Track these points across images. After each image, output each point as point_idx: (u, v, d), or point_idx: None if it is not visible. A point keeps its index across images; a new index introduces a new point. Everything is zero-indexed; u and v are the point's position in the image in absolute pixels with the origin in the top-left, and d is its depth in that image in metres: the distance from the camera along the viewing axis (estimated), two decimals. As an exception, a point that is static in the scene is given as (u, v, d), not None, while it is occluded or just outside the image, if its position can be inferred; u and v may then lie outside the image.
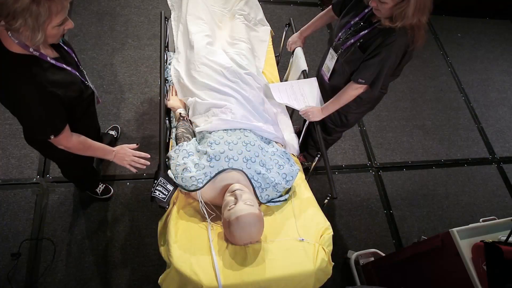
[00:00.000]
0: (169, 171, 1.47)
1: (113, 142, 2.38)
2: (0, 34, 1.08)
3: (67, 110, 1.30)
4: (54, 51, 1.26)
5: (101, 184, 2.19)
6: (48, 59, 1.19)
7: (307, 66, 2.03)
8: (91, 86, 1.47)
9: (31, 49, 1.11)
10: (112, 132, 2.43)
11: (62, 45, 1.31)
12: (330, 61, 1.81)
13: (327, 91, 1.91)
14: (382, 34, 1.50)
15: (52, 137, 1.25)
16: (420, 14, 1.40)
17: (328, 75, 1.85)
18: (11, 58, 1.09)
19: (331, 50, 1.79)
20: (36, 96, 1.14)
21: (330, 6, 1.87)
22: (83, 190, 2.17)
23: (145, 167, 1.53)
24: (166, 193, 1.41)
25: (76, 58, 1.38)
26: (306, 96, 1.91)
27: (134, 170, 1.52)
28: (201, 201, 1.45)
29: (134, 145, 1.55)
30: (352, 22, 1.65)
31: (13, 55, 1.09)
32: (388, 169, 2.84)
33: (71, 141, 1.35)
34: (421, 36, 1.49)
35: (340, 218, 2.49)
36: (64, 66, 1.26)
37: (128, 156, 1.50)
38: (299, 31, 2.11)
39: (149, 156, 1.54)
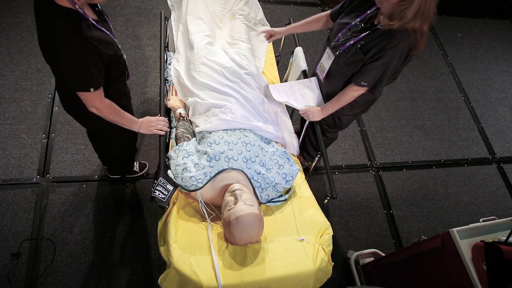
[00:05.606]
0: (169, 171, 1.47)
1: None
2: None
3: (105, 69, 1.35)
4: (95, 15, 1.33)
5: (136, 162, 2.24)
6: (90, 19, 1.26)
7: (307, 66, 2.03)
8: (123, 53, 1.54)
9: (76, 6, 1.17)
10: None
11: (102, 12, 1.39)
12: (326, 61, 1.80)
13: (322, 91, 1.91)
14: (385, 37, 1.50)
15: (91, 90, 1.28)
16: (422, 20, 1.39)
17: (324, 75, 1.85)
18: (59, 10, 1.14)
19: (328, 50, 1.78)
20: (82, 47, 1.19)
21: (323, 12, 1.86)
22: (121, 173, 2.21)
23: (167, 130, 1.68)
24: (166, 193, 1.41)
25: (111, 27, 1.45)
26: (306, 96, 1.91)
27: (162, 133, 1.65)
28: (201, 201, 1.45)
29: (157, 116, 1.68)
30: (352, 23, 1.64)
31: (61, 8, 1.14)
32: (388, 169, 2.84)
33: (104, 101, 1.39)
34: (423, 43, 1.50)
35: (340, 218, 2.49)
36: (103, 29, 1.33)
37: (153, 122, 1.64)
38: (286, 27, 2.00)
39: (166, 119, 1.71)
